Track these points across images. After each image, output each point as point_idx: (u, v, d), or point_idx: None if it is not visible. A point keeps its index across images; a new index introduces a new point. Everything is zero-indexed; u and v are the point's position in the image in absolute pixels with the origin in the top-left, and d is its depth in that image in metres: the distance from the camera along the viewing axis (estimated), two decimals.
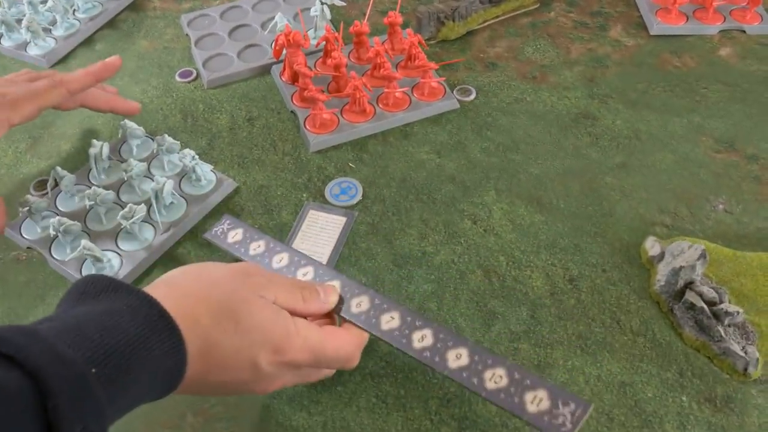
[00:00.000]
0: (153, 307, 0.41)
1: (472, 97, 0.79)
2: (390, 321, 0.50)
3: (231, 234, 0.60)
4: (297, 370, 0.49)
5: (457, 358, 0.48)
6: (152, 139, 0.75)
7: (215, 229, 0.61)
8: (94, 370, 0.36)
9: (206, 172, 0.71)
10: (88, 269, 0.63)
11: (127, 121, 0.72)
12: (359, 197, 0.70)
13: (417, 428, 0.53)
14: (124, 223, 0.64)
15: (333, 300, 0.52)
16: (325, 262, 0.64)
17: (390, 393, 0.55)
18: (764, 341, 0.55)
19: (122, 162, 0.72)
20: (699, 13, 0.86)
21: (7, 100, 0.64)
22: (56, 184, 0.68)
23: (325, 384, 0.55)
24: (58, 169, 0.68)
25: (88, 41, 0.91)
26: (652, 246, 0.62)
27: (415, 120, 0.77)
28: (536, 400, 0.44)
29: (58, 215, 0.66)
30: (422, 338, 0.49)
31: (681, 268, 0.57)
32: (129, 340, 0.38)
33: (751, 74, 0.80)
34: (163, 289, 0.44)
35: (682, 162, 0.71)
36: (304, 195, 0.70)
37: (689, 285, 0.57)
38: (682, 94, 0.78)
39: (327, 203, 0.69)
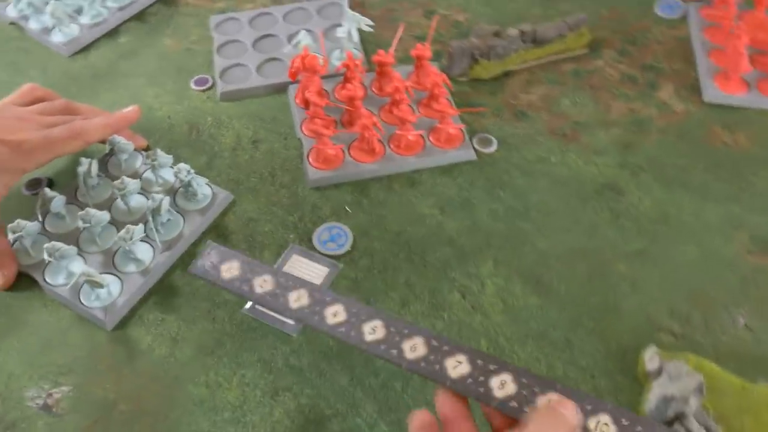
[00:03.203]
0: None
1: (493, 149, 0.73)
2: (458, 366, 0.43)
3: (224, 268, 0.50)
4: None
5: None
6: (141, 154, 0.72)
7: (200, 261, 0.50)
8: None
9: (202, 185, 0.68)
10: (87, 295, 0.61)
11: (115, 135, 0.69)
12: (348, 247, 0.65)
13: None
14: (123, 245, 0.62)
15: None
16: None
17: None
18: None
19: (110, 178, 0.69)
20: (764, 84, 0.76)
21: (24, 149, 0.63)
22: (44, 204, 0.66)
23: None
24: (47, 191, 0.65)
25: (112, 32, 0.88)
26: (651, 358, 0.55)
27: (425, 167, 0.71)
28: None
29: (49, 238, 0.65)
30: (502, 384, 0.42)
31: (672, 398, 0.51)
32: None
33: None
34: None
35: (708, 259, 0.63)
36: (292, 236, 0.66)
37: (680, 417, 0.51)
38: (725, 178, 0.70)
39: (313, 249, 0.65)
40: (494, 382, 0.42)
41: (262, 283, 0.49)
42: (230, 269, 0.50)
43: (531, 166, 0.71)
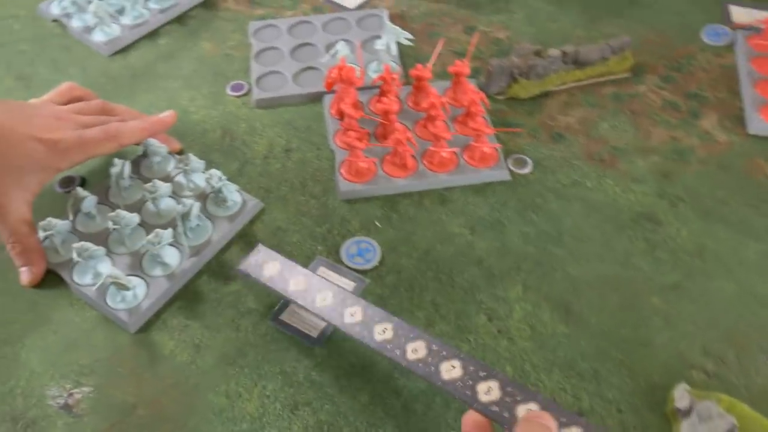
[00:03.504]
0: None
1: (527, 170, 0.72)
2: (451, 370, 0.48)
3: (267, 267, 0.59)
4: None
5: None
6: (174, 157, 0.72)
7: (250, 260, 0.59)
8: None
9: (232, 192, 0.68)
10: (113, 296, 0.61)
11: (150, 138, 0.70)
12: (375, 263, 0.64)
13: None
14: (151, 248, 0.62)
15: None
16: (318, 331, 0.59)
17: None
18: None
19: (142, 180, 0.70)
20: None
21: (59, 148, 0.64)
22: (75, 203, 0.66)
23: None
24: (79, 190, 0.66)
25: (152, 34, 0.89)
26: (681, 396, 0.54)
27: (457, 185, 0.70)
28: None
29: (79, 238, 0.65)
30: (488, 390, 0.46)
31: None
32: None
33: None
34: None
35: (744, 296, 0.61)
36: (320, 248, 0.66)
37: None
38: (766, 213, 0.67)
39: (340, 262, 0.64)
40: (481, 387, 0.46)
41: (296, 283, 0.57)
42: (272, 268, 0.58)
43: (566, 190, 0.70)
